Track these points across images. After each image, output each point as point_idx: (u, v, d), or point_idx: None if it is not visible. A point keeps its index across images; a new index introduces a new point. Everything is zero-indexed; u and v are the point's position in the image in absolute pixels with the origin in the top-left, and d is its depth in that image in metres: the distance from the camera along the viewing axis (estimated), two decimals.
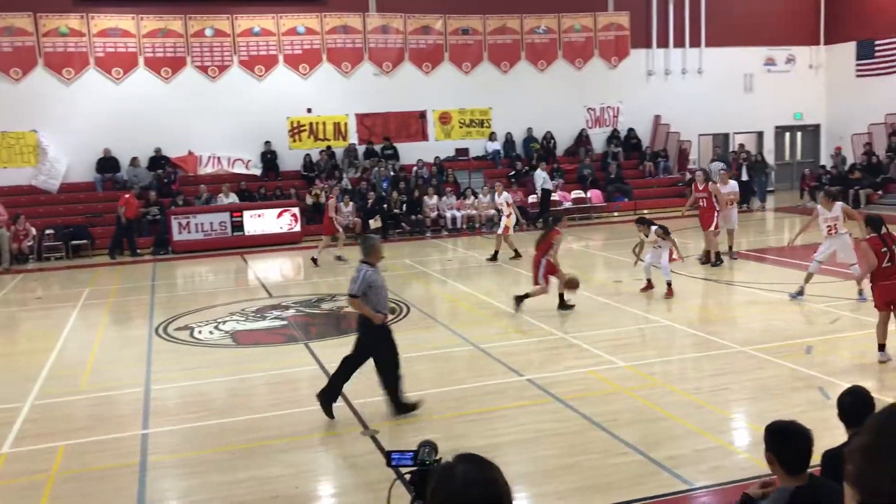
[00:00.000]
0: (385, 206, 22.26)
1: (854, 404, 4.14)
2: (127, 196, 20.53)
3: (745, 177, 25.50)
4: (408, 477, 2.74)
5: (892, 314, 9.16)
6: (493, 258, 17.52)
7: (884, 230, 9.12)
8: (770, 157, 27.79)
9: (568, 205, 23.98)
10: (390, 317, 12.15)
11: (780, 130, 29.15)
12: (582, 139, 26.46)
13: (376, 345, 7.98)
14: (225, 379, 9.76)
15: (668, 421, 7.73)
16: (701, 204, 15.96)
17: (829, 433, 4.60)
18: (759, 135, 28.67)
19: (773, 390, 8.39)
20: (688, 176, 23.53)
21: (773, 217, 23.99)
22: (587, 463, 6.79)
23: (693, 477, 6.33)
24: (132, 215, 20.55)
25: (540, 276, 12.38)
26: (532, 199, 23.43)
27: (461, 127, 25.68)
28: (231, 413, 8.51)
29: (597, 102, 26.78)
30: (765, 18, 27.73)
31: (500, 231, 17.74)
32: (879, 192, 23.22)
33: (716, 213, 15.66)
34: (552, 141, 26.07)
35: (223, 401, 9.05)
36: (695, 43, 27.39)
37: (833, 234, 12.31)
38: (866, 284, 10.04)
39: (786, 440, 3.51)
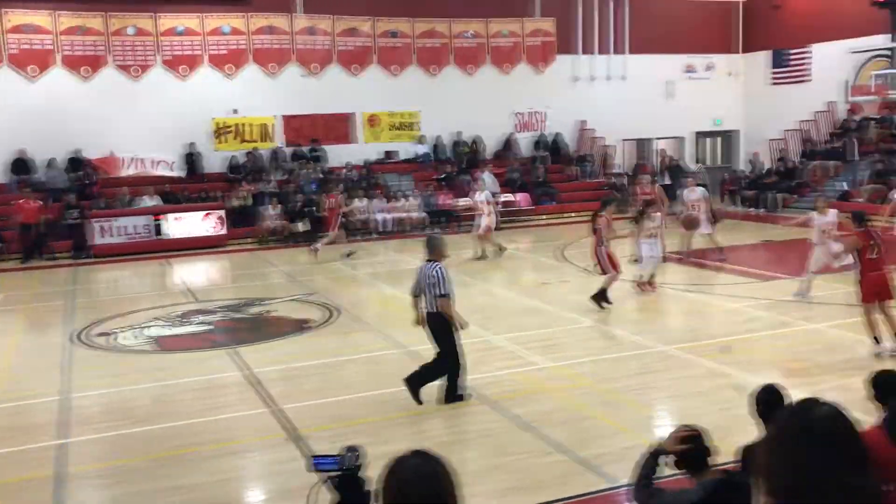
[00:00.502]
0: (313, 208, 22.06)
1: (767, 401, 4.30)
2: (21, 201, 19.71)
3: (667, 181, 26.18)
4: (331, 482, 2.74)
5: (882, 305, 9.46)
6: (482, 257, 17.62)
7: (865, 227, 9.56)
8: (690, 162, 28.58)
9: (498, 208, 24.17)
10: (317, 321, 12.06)
11: (700, 136, 30.00)
12: (509, 143, 26.75)
13: (446, 334, 8.23)
14: (148, 385, 9.54)
15: (594, 420, 7.90)
16: None
17: (746, 429, 4.77)
18: (680, 140, 29.46)
19: (693, 388, 8.65)
20: (652, 178, 24.20)
21: None
22: (515, 464, 6.88)
23: (618, 475, 6.47)
24: (32, 220, 19.68)
25: (606, 265, 12.48)
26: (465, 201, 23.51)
27: (390, 129, 25.65)
28: (155, 420, 8.33)
29: (524, 107, 27.10)
30: (685, 27, 28.51)
31: (481, 231, 17.77)
32: (794, 196, 24.12)
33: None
34: (481, 145, 26.28)
35: (147, 408, 8.84)
36: (619, 50, 27.99)
37: (827, 239, 12.21)
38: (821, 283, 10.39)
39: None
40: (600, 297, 12.36)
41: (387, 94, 25.25)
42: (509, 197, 24.58)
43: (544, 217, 23.97)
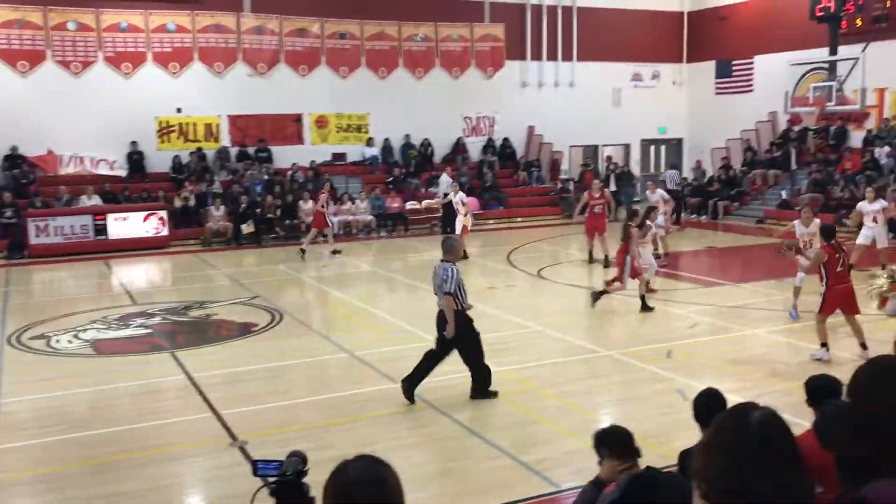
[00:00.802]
0: (258, 210, 21.78)
1: (707, 406, 4.34)
2: None
3: (613, 187, 26.53)
4: (271, 488, 2.67)
5: (849, 317, 9.67)
6: (464, 257, 17.54)
7: (834, 241, 9.72)
8: (636, 169, 29.01)
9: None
10: (261, 325, 11.91)
11: (645, 143, 30.46)
12: (459, 147, 26.80)
13: (462, 336, 8.35)
14: (85, 390, 9.27)
15: (540, 424, 7.92)
16: (595, 210, 16.80)
17: (688, 433, 4.81)
18: (626, 147, 29.87)
19: (637, 393, 8.74)
20: (607, 183, 25.28)
21: None
22: (460, 468, 6.86)
23: (561, 479, 6.49)
24: None
25: (625, 275, 12.57)
26: (427, 204, 23.49)
27: (338, 131, 25.48)
28: (91, 426, 8.09)
29: (473, 111, 27.19)
30: (632, 36, 28.93)
31: (458, 231, 17.76)
32: (736, 204, 24.63)
33: (606, 219, 16.92)
34: (430, 148, 26.27)
35: (83, 413, 8.59)
36: (567, 57, 28.26)
37: (807, 249, 11.84)
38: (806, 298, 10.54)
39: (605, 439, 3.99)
40: (597, 297, 12.70)
41: (335, 95, 25.08)
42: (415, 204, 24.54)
43: (492, 221, 24.05)
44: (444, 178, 23.30)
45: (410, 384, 8.39)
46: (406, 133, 25.99)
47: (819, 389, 4.47)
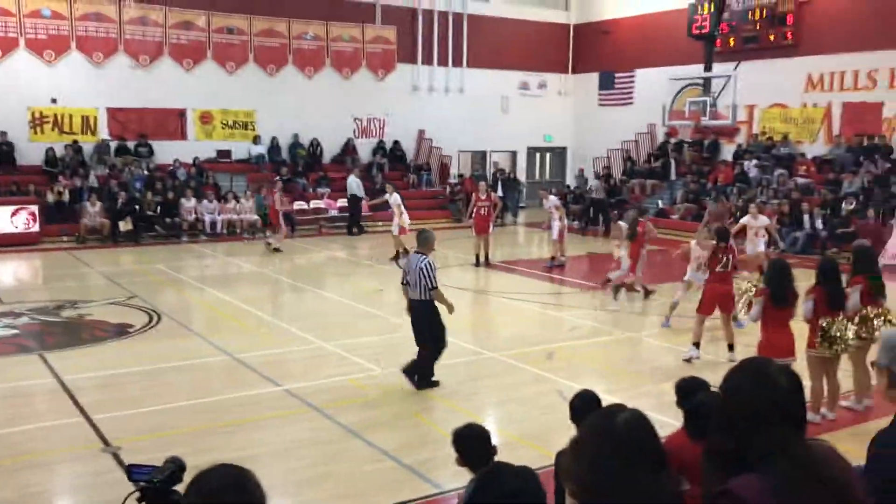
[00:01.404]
0: (137, 207, 20.98)
1: (583, 407, 4.49)
2: None
3: (500, 193, 26.98)
4: (140, 494, 2.59)
5: (724, 317, 10.17)
6: (396, 257, 17.51)
7: (723, 244, 10.25)
8: (522, 175, 29.64)
9: (334, 213, 24.02)
10: (138, 326, 11.52)
11: (531, 150, 31.16)
12: (349, 148, 26.64)
13: (433, 322, 8.92)
14: None
15: (423, 426, 7.97)
16: (481, 212, 17.31)
17: (567, 434, 4.95)
18: (513, 154, 30.47)
19: (519, 394, 8.92)
20: (494, 188, 25.66)
21: (523, 231, 25.57)
22: (342, 471, 6.82)
23: (443, 480, 6.55)
24: None
25: (639, 269, 13.48)
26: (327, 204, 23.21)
27: (224, 128, 24.85)
28: None
29: (364, 113, 27.09)
30: (521, 45, 29.56)
31: (395, 232, 17.93)
32: (616, 212, 25.48)
33: (491, 221, 17.60)
34: (319, 148, 26.00)
35: None
36: (457, 63, 28.59)
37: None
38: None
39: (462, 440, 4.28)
40: (617, 289, 13.70)
41: (221, 91, 24.47)
42: (346, 203, 24.45)
43: (381, 223, 23.97)
44: (353, 180, 23.17)
45: (411, 372, 8.87)
46: (294, 132, 25.63)
47: (689, 390, 4.69)
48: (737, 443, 2.34)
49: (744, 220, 15.31)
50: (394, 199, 18.32)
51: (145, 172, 22.40)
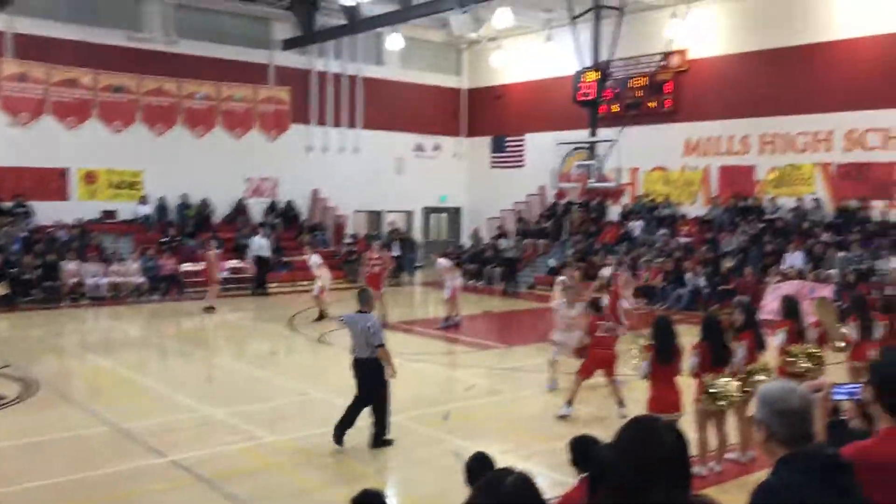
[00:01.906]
0: (14, 270, 19.90)
1: (478, 469, 4.47)
2: None
3: (396, 252, 27.08)
4: None
5: (608, 379, 10.38)
6: (319, 318, 17.37)
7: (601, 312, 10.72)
8: (418, 236, 29.85)
9: (225, 274, 23.40)
10: (11, 396, 10.86)
11: (427, 211, 31.48)
12: (240, 208, 26.21)
13: (381, 384, 8.98)
14: None
15: (318, 493, 7.75)
16: (374, 270, 17.50)
17: (462, 496, 4.91)
18: (409, 214, 30.70)
19: (416, 456, 8.82)
20: (389, 248, 25.33)
21: (420, 290, 25.64)
22: None
23: None
24: None
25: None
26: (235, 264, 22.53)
27: (109, 188, 24.04)
28: None
29: (256, 173, 26.79)
30: (415, 108, 30.09)
31: (315, 293, 17.75)
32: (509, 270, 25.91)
33: (382, 280, 17.70)
34: (209, 208, 25.47)
35: None
36: (352, 124, 28.78)
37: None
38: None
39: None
40: None
41: (108, 150, 23.73)
42: (238, 263, 23.96)
43: (275, 284, 23.57)
44: (259, 240, 22.79)
45: (341, 430, 8.81)
46: (183, 192, 25.04)
47: (582, 448, 4.75)
48: (624, 499, 2.40)
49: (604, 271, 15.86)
50: (313, 260, 18.25)
51: (23, 234, 21.34)
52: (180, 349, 15.30)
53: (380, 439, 8.98)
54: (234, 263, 23.62)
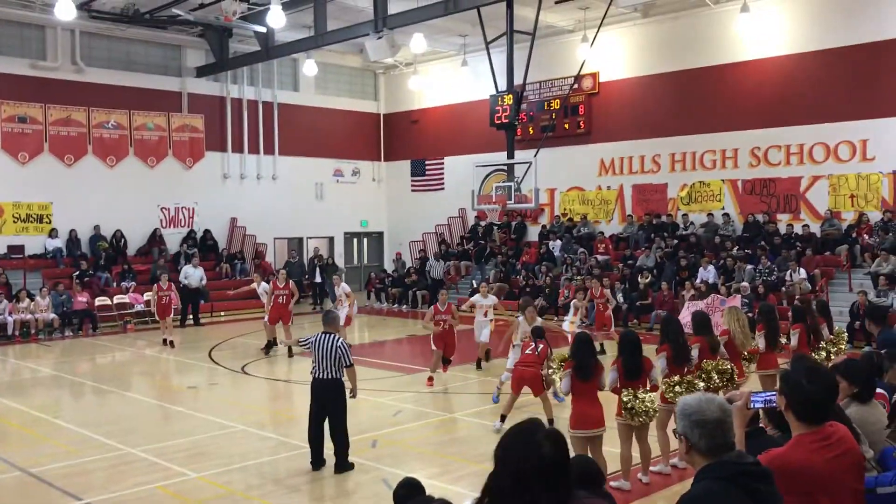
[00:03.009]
0: None
1: (406, 496, 4.43)
2: None
3: (318, 279, 26.80)
4: None
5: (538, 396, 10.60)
6: (267, 347, 17.28)
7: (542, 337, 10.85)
8: (340, 261, 29.64)
9: (140, 307, 22.74)
10: None
11: (349, 236, 31.31)
12: (156, 239, 25.54)
13: (344, 405, 9.15)
14: None
15: None
16: (280, 301, 17.27)
17: None
18: (331, 239, 30.47)
19: (345, 486, 8.69)
20: (312, 275, 26.63)
21: (342, 316, 25.31)
22: None
23: None
24: None
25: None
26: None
27: (15, 222, 23.11)
28: None
29: (171, 202, 26.20)
30: (333, 133, 29.99)
31: (267, 320, 17.40)
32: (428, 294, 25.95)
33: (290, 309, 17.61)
34: (122, 240, 24.73)
35: None
36: (269, 150, 28.47)
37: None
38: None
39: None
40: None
41: (13, 182, 22.86)
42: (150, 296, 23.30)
43: (190, 317, 22.94)
44: (191, 270, 22.25)
45: (317, 454, 9.04)
46: (95, 224, 24.26)
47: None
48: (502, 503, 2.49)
49: (473, 298, 15.91)
50: (262, 287, 17.91)
51: None
52: (94, 386, 14.73)
53: (345, 462, 8.99)
54: (150, 295, 23.00)
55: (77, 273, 22.59)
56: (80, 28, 23.80)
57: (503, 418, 10.50)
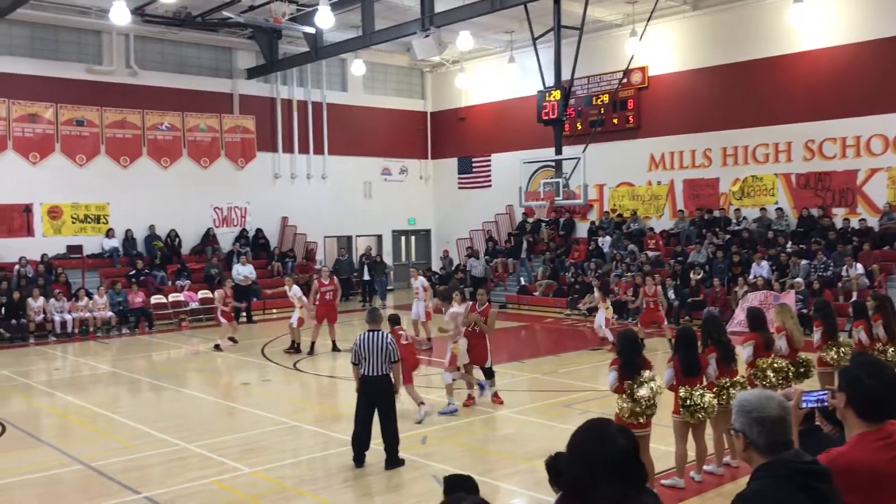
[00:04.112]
0: None
1: (462, 488, 4.44)
2: None
3: (367, 276, 27.03)
4: None
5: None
6: (292, 348, 17.30)
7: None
8: (388, 259, 29.82)
9: (195, 305, 23.20)
10: None
11: (396, 234, 31.49)
12: (209, 238, 26.00)
13: (393, 401, 9.29)
14: None
15: None
16: (326, 297, 17.31)
17: None
18: (379, 237, 30.67)
19: (395, 482, 8.75)
20: (361, 273, 27.06)
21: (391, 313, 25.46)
22: None
23: None
24: None
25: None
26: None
27: (74, 222, 23.75)
28: None
29: (224, 202, 26.65)
30: (380, 132, 30.18)
31: (294, 324, 17.44)
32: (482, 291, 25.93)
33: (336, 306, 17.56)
34: (177, 239, 25.24)
35: None
36: (318, 150, 28.77)
37: None
38: None
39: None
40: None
41: (71, 184, 23.49)
42: (207, 294, 23.75)
43: (243, 314, 23.30)
44: (240, 268, 22.82)
45: (359, 452, 9.09)
46: (150, 224, 24.81)
47: (556, 467, 4.73)
48: (578, 499, 2.49)
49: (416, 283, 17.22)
50: (293, 291, 18.07)
51: None
52: (151, 383, 15.08)
53: (395, 458, 9.07)
54: (205, 294, 23.47)
55: (133, 272, 23.12)
56: (134, 32, 24.33)
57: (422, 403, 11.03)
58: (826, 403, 3.52)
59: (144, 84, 24.94)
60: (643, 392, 7.56)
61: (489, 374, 12.04)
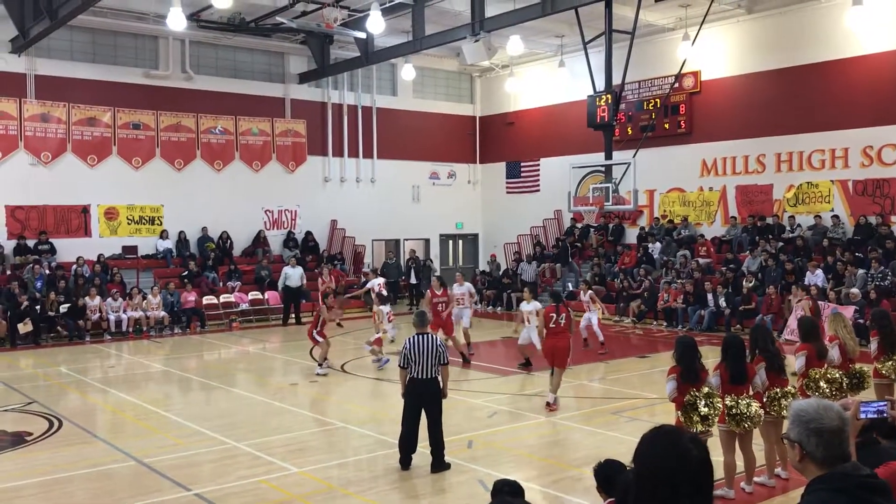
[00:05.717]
0: (38, 307, 20.07)
1: (508, 493, 4.44)
2: None
3: (413, 280, 27.13)
4: None
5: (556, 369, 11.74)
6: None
7: (560, 304, 12.36)
8: (436, 262, 29.90)
9: (245, 306, 23.56)
10: (36, 433, 10.90)
11: (444, 238, 31.55)
12: (259, 240, 26.38)
13: (440, 404, 9.31)
14: None
15: None
16: (439, 309, 16.28)
17: None
18: (426, 241, 30.78)
19: (440, 485, 8.76)
20: (407, 276, 27.57)
21: None
22: None
23: None
24: None
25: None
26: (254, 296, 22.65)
27: (129, 223, 24.31)
28: None
29: (274, 205, 27.01)
30: (429, 137, 30.30)
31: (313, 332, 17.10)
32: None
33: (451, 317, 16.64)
34: (229, 241, 25.65)
35: None
36: (367, 154, 29.00)
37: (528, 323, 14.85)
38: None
39: None
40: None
41: (127, 186, 24.05)
42: (258, 295, 24.13)
43: (293, 317, 23.59)
44: (292, 271, 23.13)
45: (406, 455, 9.17)
46: (203, 225, 25.27)
47: (607, 474, 4.70)
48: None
49: (521, 306, 15.95)
50: (374, 281, 18.83)
51: (47, 271, 21.57)
52: (202, 382, 15.34)
53: (442, 461, 9.09)
54: (255, 295, 23.82)
55: (186, 273, 23.57)
56: (190, 38, 24.84)
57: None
58: (886, 414, 3.43)
59: (199, 88, 25.44)
60: (705, 410, 7.50)
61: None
